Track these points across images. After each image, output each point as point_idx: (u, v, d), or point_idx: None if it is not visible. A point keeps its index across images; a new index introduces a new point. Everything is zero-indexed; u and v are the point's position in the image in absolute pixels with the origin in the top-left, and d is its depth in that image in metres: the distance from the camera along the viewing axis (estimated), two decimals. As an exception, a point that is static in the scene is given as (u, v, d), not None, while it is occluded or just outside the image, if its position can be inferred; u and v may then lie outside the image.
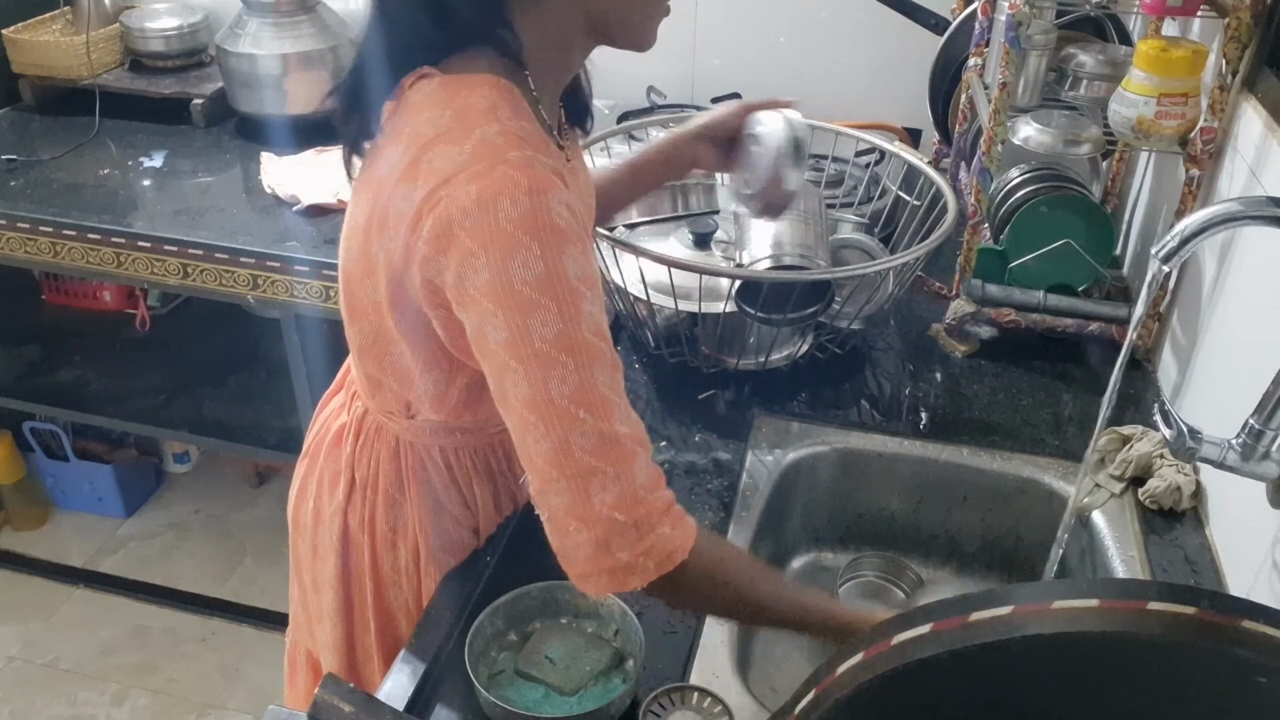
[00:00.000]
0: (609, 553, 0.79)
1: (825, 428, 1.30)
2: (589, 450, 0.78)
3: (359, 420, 1.07)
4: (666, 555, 0.80)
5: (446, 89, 0.85)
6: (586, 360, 0.78)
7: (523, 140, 0.81)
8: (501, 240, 0.77)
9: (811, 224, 1.33)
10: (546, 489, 0.80)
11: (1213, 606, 0.54)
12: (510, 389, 0.79)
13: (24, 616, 2.37)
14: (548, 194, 0.78)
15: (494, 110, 0.83)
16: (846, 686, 0.59)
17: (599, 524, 0.78)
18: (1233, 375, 1.16)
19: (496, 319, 0.78)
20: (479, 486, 1.07)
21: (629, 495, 0.79)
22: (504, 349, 0.78)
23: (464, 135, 0.81)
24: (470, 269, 0.78)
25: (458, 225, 0.78)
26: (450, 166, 0.80)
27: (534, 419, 0.78)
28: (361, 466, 1.07)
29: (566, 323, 0.77)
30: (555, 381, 0.77)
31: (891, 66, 2.07)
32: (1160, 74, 1.23)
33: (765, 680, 1.12)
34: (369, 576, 1.09)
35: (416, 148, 0.82)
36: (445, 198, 0.79)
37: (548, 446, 0.78)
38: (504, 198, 0.77)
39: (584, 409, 0.78)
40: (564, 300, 0.77)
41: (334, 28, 2.19)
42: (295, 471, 1.17)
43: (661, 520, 0.80)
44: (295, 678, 1.29)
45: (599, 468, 0.78)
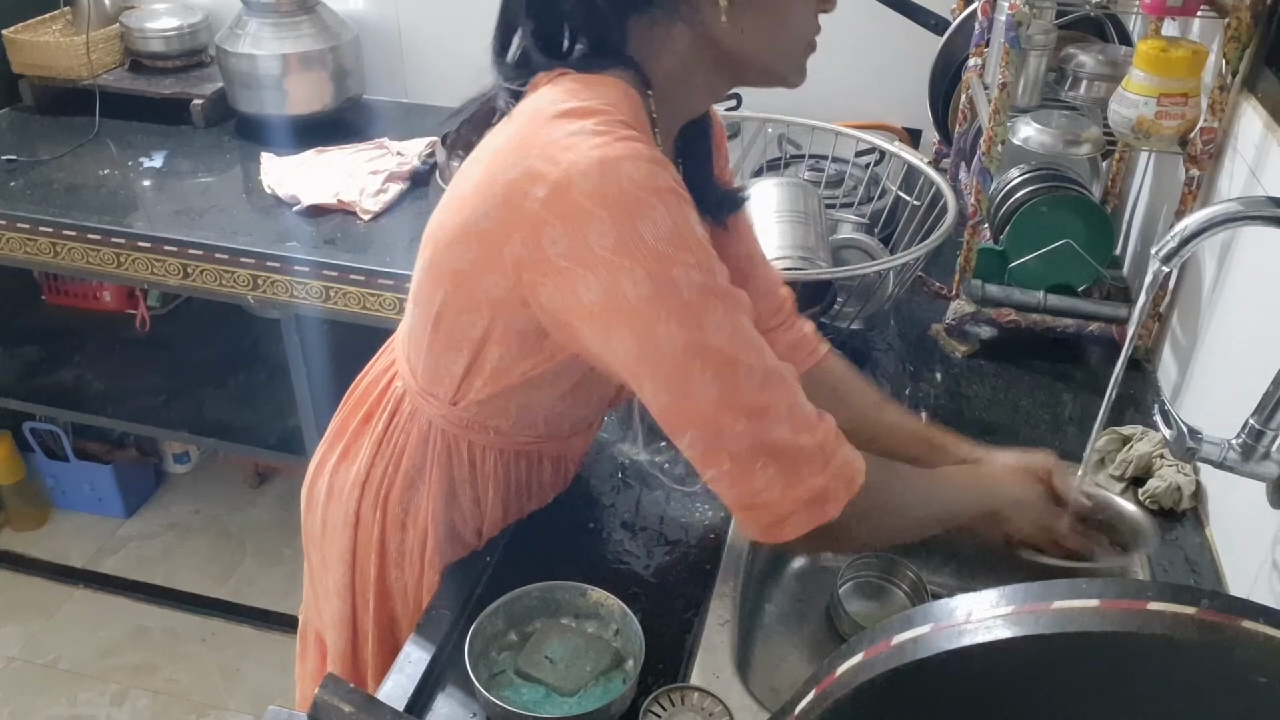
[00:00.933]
0: (801, 480, 0.80)
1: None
2: (757, 387, 0.79)
3: (397, 400, 1.06)
4: (852, 474, 0.82)
5: (577, 81, 0.85)
6: (733, 305, 0.79)
7: (636, 134, 0.81)
8: (625, 200, 0.76)
9: (811, 224, 1.33)
10: (723, 433, 0.79)
11: (1213, 606, 0.54)
12: (665, 342, 0.78)
13: (24, 617, 2.37)
14: (666, 168, 0.79)
15: (617, 105, 0.83)
16: (846, 686, 0.59)
17: (785, 453, 0.79)
18: (1233, 375, 1.16)
19: (636, 273, 0.76)
20: (494, 490, 1.08)
21: (806, 421, 0.80)
22: (650, 302, 0.77)
23: (586, 114, 0.80)
24: (595, 231, 0.76)
25: (577, 189, 0.77)
26: (568, 138, 0.79)
27: (698, 364, 0.78)
28: (390, 444, 1.07)
29: (705, 273, 0.78)
30: (711, 327, 0.77)
31: (891, 66, 2.06)
32: (1160, 74, 1.24)
33: (765, 680, 1.12)
34: (375, 553, 1.10)
35: (536, 123, 0.82)
36: (565, 163, 0.77)
37: (716, 390, 0.78)
38: (626, 161, 0.76)
39: (742, 350, 0.78)
40: (699, 253, 0.78)
41: (334, 28, 2.19)
42: (316, 451, 1.17)
43: (840, 441, 0.82)
44: (305, 656, 1.29)
45: (771, 401, 0.79)
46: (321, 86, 2.18)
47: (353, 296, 1.81)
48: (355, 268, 1.78)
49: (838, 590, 1.18)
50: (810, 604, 1.25)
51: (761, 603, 1.23)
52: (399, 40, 2.34)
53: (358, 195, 1.93)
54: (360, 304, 1.80)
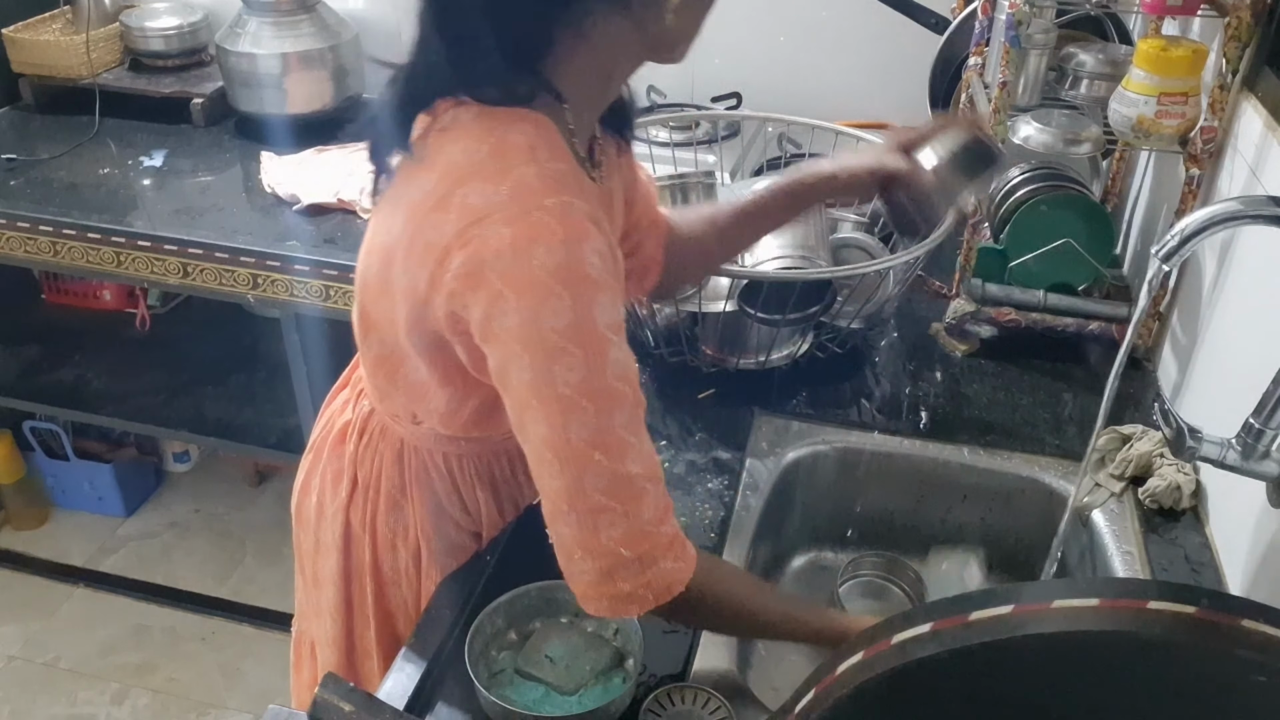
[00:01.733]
0: (612, 582, 0.82)
1: (825, 427, 1.30)
2: (601, 490, 0.80)
3: (364, 419, 1.07)
4: (665, 587, 0.83)
5: (484, 121, 0.83)
6: (607, 406, 0.80)
7: (559, 184, 0.80)
8: (534, 288, 0.77)
9: (812, 224, 1.33)
10: (556, 519, 0.82)
11: (1212, 606, 0.54)
12: (529, 425, 0.81)
13: (24, 616, 2.37)
14: (582, 243, 0.78)
15: (532, 150, 0.82)
16: (847, 686, 0.59)
17: (604, 556, 0.81)
18: (1233, 374, 1.16)
19: (522, 360, 0.79)
20: (481, 493, 1.08)
21: (635, 532, 0.81)
22: (527, 389, 0.79)
23: (501, 174, 0.80)
24: (499, 311, 0.78)
25: (489, 267, 0.78)
26: (485, 205, 0.79)
27: (550, 457, 0.80)
28: (365, 466, 1.07)
29: (591, 370, 0.78)
30: (575, 425, 0.79)
31: (891, 66, 2.06)
32: (1160, 73, 1.23)
33: (765, 680, 1.12)
34: (369, 575, 1.09)
35: (451, 179, 0.81)
36: (478, 237, 0.78)
37: (561, 484, 0.80)
38: (539, 245, 0.77)
39: (600, 451, 0.80)
40: (590, 349, 0.78)
41: (334, 27, 2.19)
42: (300, 465, 1.17)
43: (665, 554, 0.83)
44: (301, 667, 1.29)
45: (609, 506, 0.80)
46: (321, 86, 2.18)
47: (352, 295, 1.80)
48: (355, 267, 1.78)
49: (838, 589, 1.18)
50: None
51: (761, 602, 1.23)
52: (399, 39, 2.34)
53: (358, 194, 1.92)
54: (360, 303, 1.80)
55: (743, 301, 1.31)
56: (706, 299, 1.32)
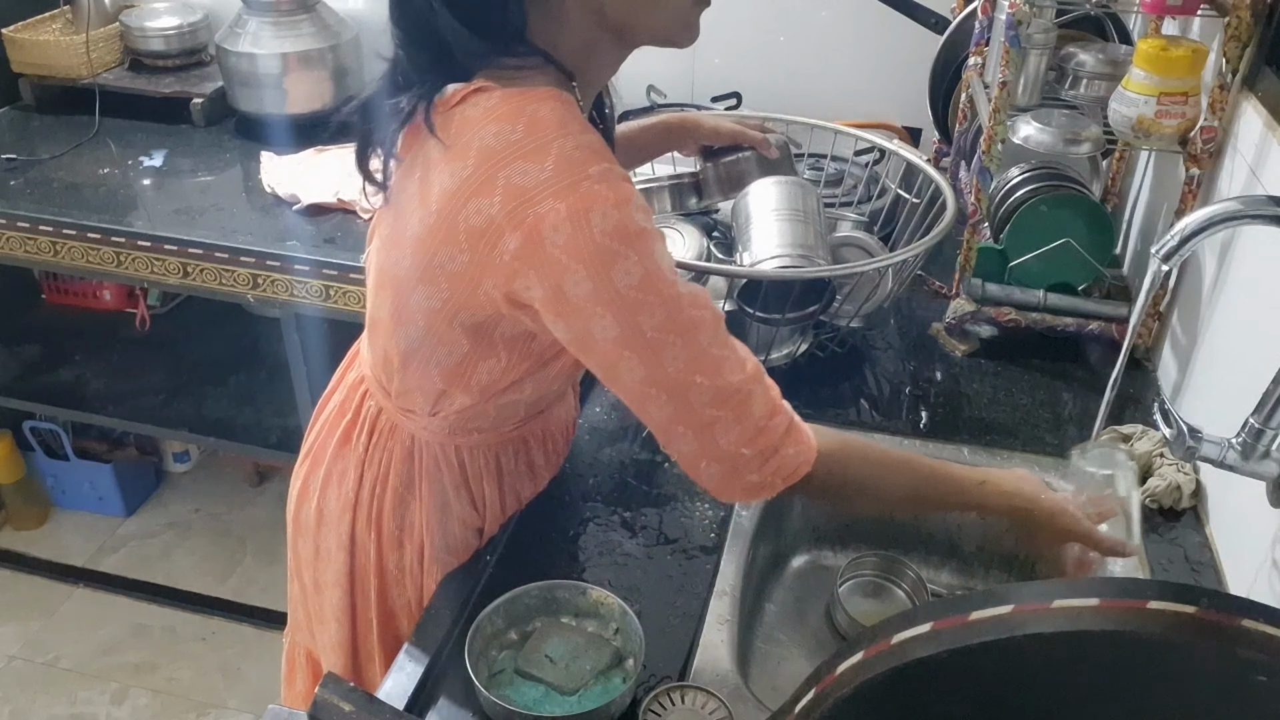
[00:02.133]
0: (740, 477, 0.89)
1: (825, 427, 1.30)
2: (708, 404, 0.85)
3: (373, 419, 1.07)
4: (792, 471, 0.89)
5: (511, 103, 0.84)
6: (692, 334, 0.84)
7: (596, 153, 0.83)
8: (599, 253, 0.80)
9: (811, 223, 1.33)
10: (674, 440, 0.88)
11: (1213, 605, 0.54)
12: (626, 374, 0.85)
13: (24, 616, 2.37)
14: (630, 202, 0.82)
15: (564, 124, 0.83)
16: (846, 685, 0.59)
17: (727, 459, 0.87)
18: (1233, 374, 1.16)
19: (605, 320, 0.82)
20: (489, 486, 1.08)
21: (750, 431, 0.87)
22: (615, 344, 0.83)
23: (542, 152, 0.81)
24: (570, 281, 0.81)
25: (550, 243, 0.80)
26: (532, 184, 0.80)
27: (654, 391, 0.85)
28: (373, 465, 1.07)
29: (669, 311, 0.83)
30: (669, 360, 0.84)
31: (891, 65, 2.06)
32: (1160, 73, 1.23)
33: (765, 680, 1.12)
34: (374, 576, 1.09)
35: (491, 164, 0.82)
36: (533, 215, 0.80)
37: (671, 410, 0.86)
38: (594, 213, 0.79)
39: (699, 374, 0.85)
40: (664, 293, 0.83)
41: (334, 27, 2.19)
42: (295, 473, 1.17)
43: (784, 442, 0.89)
44: (294, 678, 1.29)
45: (720, 416, 0.86)
46: (321, 86, 2.18)
47: (353, 295, 1.80)
48: (355, 266, 1.78)
49: (838, 589, 1.18)
50: (810, 604, 1.25)
51: (761, 602, 1.23)
52: (399, 39, 2.34)
53: (358, 194, 1.92)
54: (360, 303, 1.80)
55: (742, 301, 1.31)
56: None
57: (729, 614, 1.04)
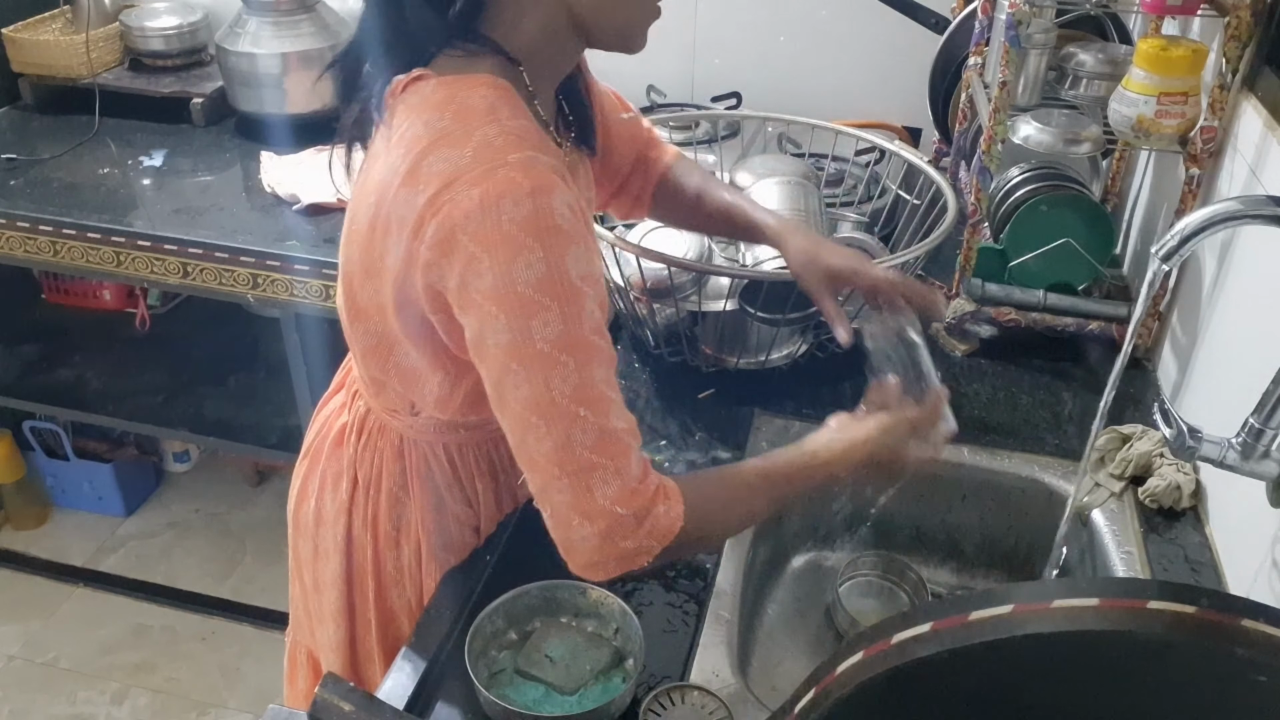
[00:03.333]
0: (614, 543, 0.82)
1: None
2: (590, 447, 0.80)
3: (361, 419, 1.07)
4: (666, 530, 0.83)
5: (443, 90, 0.84)
6: (586, 358, 0.79)
7: (522, 140, 0.81)
8: (504, 243, 0.77)
9: (811, 223, 1.33)
10: (549, 486, 0.81)
11: (1213, 605, 0.54)
12: (510, 390, 0.80)
13: (24, 616, 2.37)
14: (550, 194, 0.78)
15: (493, 110, 0.82)
16: (846, 685, 0.59)
17: (602, 518, 0.81)
18: (1233, 374, 1.16)
19: (499, 321, 0.78)
20: (481, 484, 1.07)
21: (627, 489, 0.81)
22: (505, 351, 0.79)
23: (464, 138, 0.80)
24: (474, 273, 0.78)
25: (460, 230, 0.78)
26: (451, 170, 0.79)
27: (535, 419, 0.80)
28: (364, 466, 1.07)
29: (568, 323, 0.78)
30: (556, 381, 0.79)
31: (891, 66, 2.06)
32: (1160, 73, 1.23)
33: (765, 680, 1.12)
34: (371, 576, 1.09)
35: (417, 152, 0.81)
36: (448, 202, 0.78)
37: (550, 445, 0.80)
38: (506, 199, 0.77)
39: (584, 406, 0.79)
40: (566, 300, 0.78)
41: (333, 27, 2.19)
42: (295, 472, 1.17)
43: (655, 502, 0.83)
44: (295, 677, 1.29)
45: (599, 463, 0.80)
46: (321, 85, 2.14)
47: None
48: (351, 265, 1.78)
49: (838, 589, 1.18)
50: (810, 604, 1.25)
51: (761, 602, 1.23)
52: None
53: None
54: (360, 303, 1.80)
55: (743, 301, 1.31)
56: (706, 299, 1.32)
57: (729, 614, 1.04)
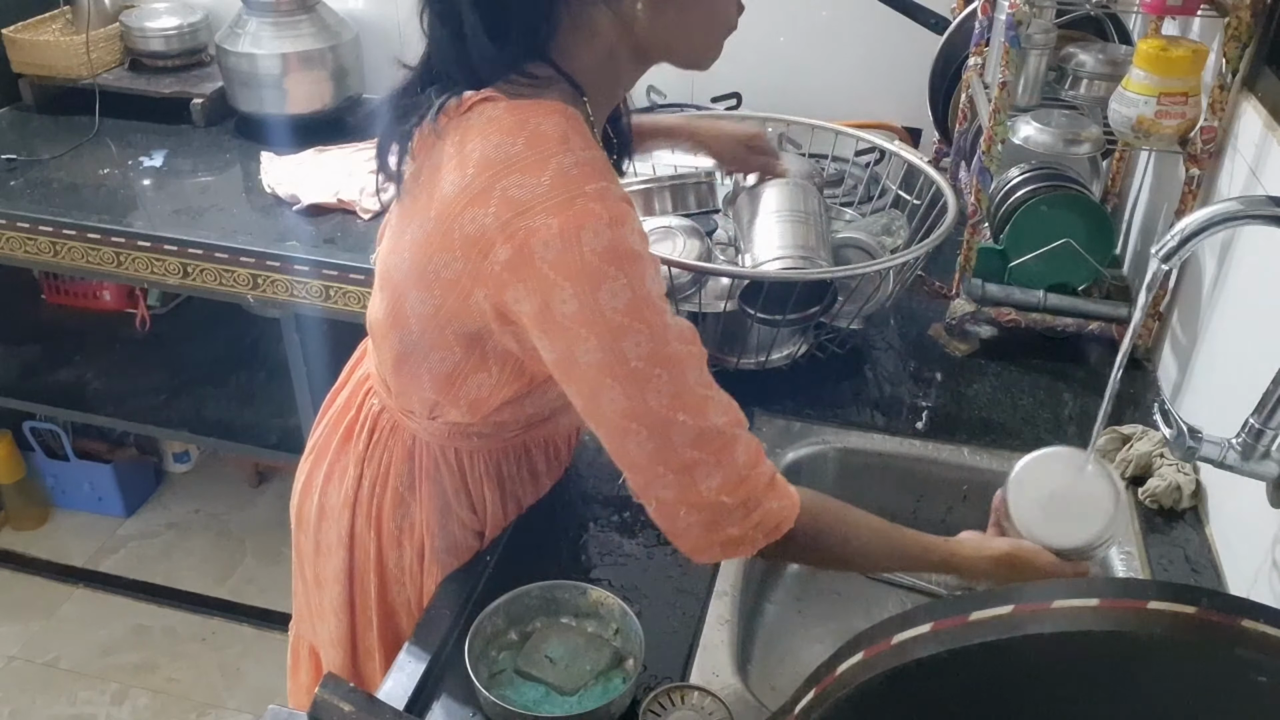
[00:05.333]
0: (720, 530, 0.85)
1: (825, 427, 1.30)
2: (690, 444, 0.82)
3: (374, 417, 1.07)
4: (774, 526, 0.86)
5: (515, 115, 0.84)
6: (679, 369, 0.82)
7: (595, 170, 0.82)
8: (588, 272, 0.79)
9: (813, 224, 1.33)
10: (653, 483, 0.84)
11: (1213, 606, 0.54)
12: (607, 405, 0.82)
13: (24, 616, 2.37)
14: (625, 223, 0.80)
15: (566, 139, 0.83)
16: (847, 686, 0.59)
17: (707, 508, 0.84)
18: (1233, 374, 1.16)
19: (589, 343, 0.80)
20: (489, 490, 1.08)
21: (733, 478, 0.83)
22: (598, 370, 0.81)
23: (540, 165, 0.81)
24: (558, 299, 0.80)
25: (539, 258, 0.79)
26: (528, 197, 0.80)
27: (635, 425, 0.82)
28: (373, 463, 1.07)
29: (656, 340, 0.81)
30: (652, 394, 0.81)
31: (891, 66, 2.06)
32: (1160, 73, 1.23)
33: (765, 680, 1.12)
34: (373, 573, 1.10)
35: (489, 174, 0.82)
36: (524, 228, 0.79)
37: (651, 448, 0.83)
38: (586, 230, 0.79)
39: (682, 412, 0.82)
40: (652, 320, 0.81)
41: (334, 27, 2.19)
42: (299, 468, 1.17)
43: (766, 495, 0.85)
44: (298, 671, 1.29)
45: (702, 459, 0.83)
46: (321, 86, 2.18)
47: (353, 295, 1.80)
48: (355, 267, 1.78)
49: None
50: (810, 604, 1.25)
51: (761, 603, 1.23)
52: (399, 39, 2.34)
53: (358, 194, 1.92)
54: (360, 303, 1.80)
55: (743, 302, 1.31)
56: (707, 299, 1.32)
57: (729, 614, 1.04)
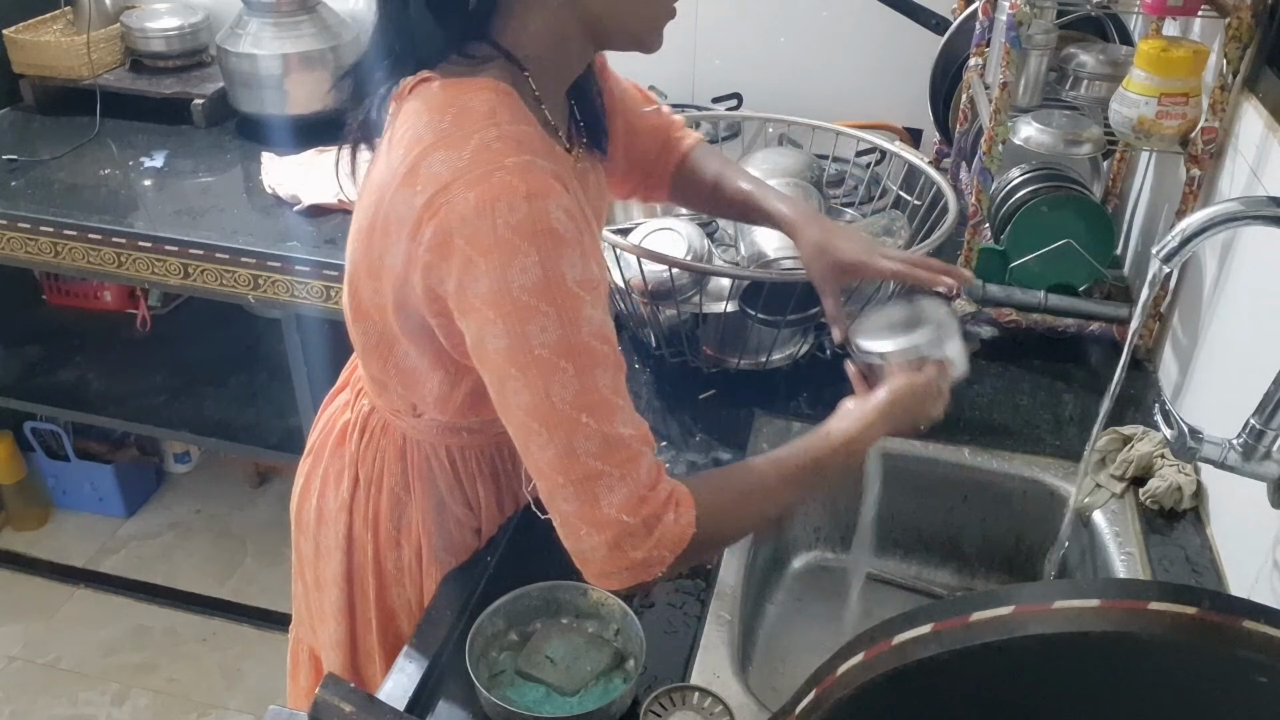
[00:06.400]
0: (624, 553, 0.80)
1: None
2: (593, 454, 0.79)
3: (365, 417, 1.07)
4: (677, 539, 0.82)
5: (446, 92, 0.84)
6: (588, 364, 0.79)
7: (520, 144, 0.81)
8: (500, 247, 0.77)
9: (812, 224, 1.33)
10: (554, 494, 0.81)
11: (1214, 607, 0.54)
12: (511, 396, 0.80)
13: (25, 616, 2.37)
14: (546, 198, 0.78)
15: (493, 114, 0.82)
16: (847, 686, 0.59)
17: (609, 527, 0.80)
18: (1233, 375, 1.16)
19: (496, 326, 0.78)
20: (483, 487, 1.08)
21: (635, 496, 0.80)
22: (504, 357, 0.79)
23: (463, 140, 0.80)
24: (470, 277, 0.78)
25: (457, 233, 0.78)
26: (449, 172, 0.79)
27: (537, 425, 0.79)
28: (366, 464, 1.07)
29: (566, 328, 0.78)
30: (556, 387, 0.78)
31: (892, 66, 2.06)
32: (1161, 74, 1.23)
33: (765, 680, 1.12)
34: (372, 575, 1.09)
35: (416, 153, 0.82)
36: (445, 205, 0.78)
37: (552, 453, 0.79)
38: (501, 203, 0.77)
39: (586, 413, 0.78)
40: (563, 306, 0.78)
41: (334, 28, 2.19)
42: (298, 470, 1.17)
43: (666, 510, 0.81)
44: (298, 674, 1.29)
45: (604, 470, 0.79)
46: (322, 86, 2.17)
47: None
48: (355, 267, 1.78)
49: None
50: (810, 604, 1.25)
51: (761, 603, 1.23)
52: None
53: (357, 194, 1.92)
54: (361, 304, 1.80)
55: (744, 302, 1.31)
56: (708, 300, 1.32)
57: (729, 614, 1.04)
